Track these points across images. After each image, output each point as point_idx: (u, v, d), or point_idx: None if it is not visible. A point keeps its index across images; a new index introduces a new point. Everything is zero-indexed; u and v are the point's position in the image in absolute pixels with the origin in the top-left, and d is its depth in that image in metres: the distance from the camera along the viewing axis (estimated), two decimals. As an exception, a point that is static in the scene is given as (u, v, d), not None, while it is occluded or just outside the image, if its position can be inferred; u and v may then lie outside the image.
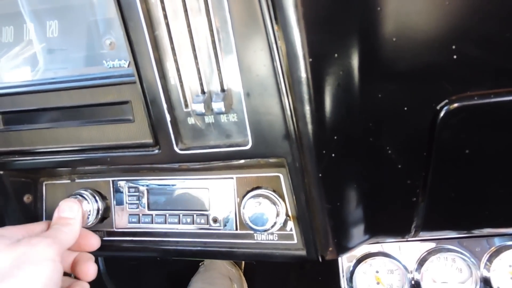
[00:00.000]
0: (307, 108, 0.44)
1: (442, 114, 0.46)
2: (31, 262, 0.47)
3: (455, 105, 0.45)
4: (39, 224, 0.56)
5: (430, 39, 0.42)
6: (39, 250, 0.48)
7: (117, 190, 0.64)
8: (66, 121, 0.58)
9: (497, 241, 0.67)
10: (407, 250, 0.69)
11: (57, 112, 0.58)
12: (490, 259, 0.66)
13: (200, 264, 1.25)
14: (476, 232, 0.64)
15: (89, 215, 0.62)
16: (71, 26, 0.55)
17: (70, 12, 0.55)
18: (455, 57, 0.42)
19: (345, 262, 0.70)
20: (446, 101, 0.45)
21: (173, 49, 0.48)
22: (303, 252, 0.57)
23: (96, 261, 1.12)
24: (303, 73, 0.42)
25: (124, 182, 0.64)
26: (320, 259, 0.56)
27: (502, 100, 0.44)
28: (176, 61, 0.48)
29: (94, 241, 0.61)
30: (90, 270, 0.58)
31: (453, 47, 0.42)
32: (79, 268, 0.58)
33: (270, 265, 1.32)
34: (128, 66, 0.53)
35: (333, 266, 0.73)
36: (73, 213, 0.57)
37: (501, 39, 0.42)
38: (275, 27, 0.41)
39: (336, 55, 0.42)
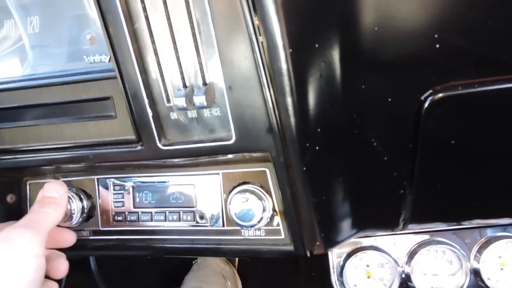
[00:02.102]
0: (288, 100, 0.43)
1: (426, 104, 0.45)
2: (10, 262, 0.43)
3: (440, 95, 0.45)
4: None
5: (412, 28, 0.42)
6: (20, 246, 0.44)
7: (102, 188, 0.63)
8: (47, 118, 0.57)
9: (489, 232, 0.66)
10: (400, 243, 0.68)
11: (38, 109, 0.57)
12: (480, 251, 0.66)
13: (193, 262, 1.24)
14: (466, 223, 0.64)
15: (74, 214, 0.61)
16: (51, 21, 0.54)
17: (50, 7, 0.54)
18: (437, 46, 0.42)
19: (335, 256, 0.70)
20: (430, 91, 0.45)
21: (153, 42, 0.47)
22: (290, 247, 0.56)
23: (88, 261, 1.10)
24: (283, 64, 0.41)
25: (109, 180, 0.63)
26: (308, 254, 0.56)
27: (487, 90, 0.44)
28: (156, 54, 0.47)
29: (69, 236, 0.59)
30: (61, 266, 0.54)
31: (436, 36, 0.41)
32: (50, 265, 0.53)
33: (264, 261, 1.31)
34: (109, 61, 0.52)
35: (327, 262, 0.72)
36: (60, 194, 0.54)
37: (484, 28, 0.41)
38: (254, 18, 0.40)
39: (317, 45, 0.41)
